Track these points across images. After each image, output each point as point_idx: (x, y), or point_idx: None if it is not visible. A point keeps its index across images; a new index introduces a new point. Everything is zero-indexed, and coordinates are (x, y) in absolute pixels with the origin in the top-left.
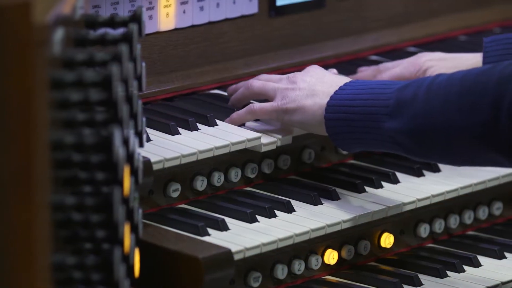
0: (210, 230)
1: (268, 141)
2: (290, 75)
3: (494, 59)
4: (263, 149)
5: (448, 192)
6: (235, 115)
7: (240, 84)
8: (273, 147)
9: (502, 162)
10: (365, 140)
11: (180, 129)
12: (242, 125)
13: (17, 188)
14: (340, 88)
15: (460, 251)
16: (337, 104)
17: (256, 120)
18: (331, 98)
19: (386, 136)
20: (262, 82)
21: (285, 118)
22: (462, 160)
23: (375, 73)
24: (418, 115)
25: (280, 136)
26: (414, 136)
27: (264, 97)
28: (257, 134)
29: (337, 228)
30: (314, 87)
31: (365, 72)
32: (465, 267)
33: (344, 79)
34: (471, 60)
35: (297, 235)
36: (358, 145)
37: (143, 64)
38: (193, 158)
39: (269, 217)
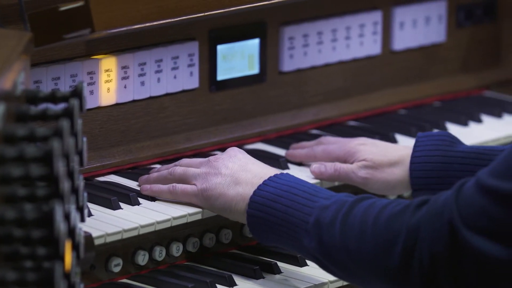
0: None
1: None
2: (212, 158)
3: (423, 153)
4: (204, 215)
5: None
6: (157, 188)
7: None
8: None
9: None
10: (285, 243)
11: (121, 204)
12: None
13: None
14: (264, 183)
15: None
16: (259, 202)
17: None
18: (255, 193)
19: (305, 248)
20: (184, 168)
21: (206, 204)
22: None
23: (314, 145)
24: (335, 245)
25: None
26: (332, 262)
27: (185, 183)
28: (198, 209)
29: None
30: (238, 175)
31: (301, 151)
32: None
33: (268, 170)
34: (402, 151)
35: None
36: (278, 243)
37: (84, 139)
38: (135, 233)
39: None
